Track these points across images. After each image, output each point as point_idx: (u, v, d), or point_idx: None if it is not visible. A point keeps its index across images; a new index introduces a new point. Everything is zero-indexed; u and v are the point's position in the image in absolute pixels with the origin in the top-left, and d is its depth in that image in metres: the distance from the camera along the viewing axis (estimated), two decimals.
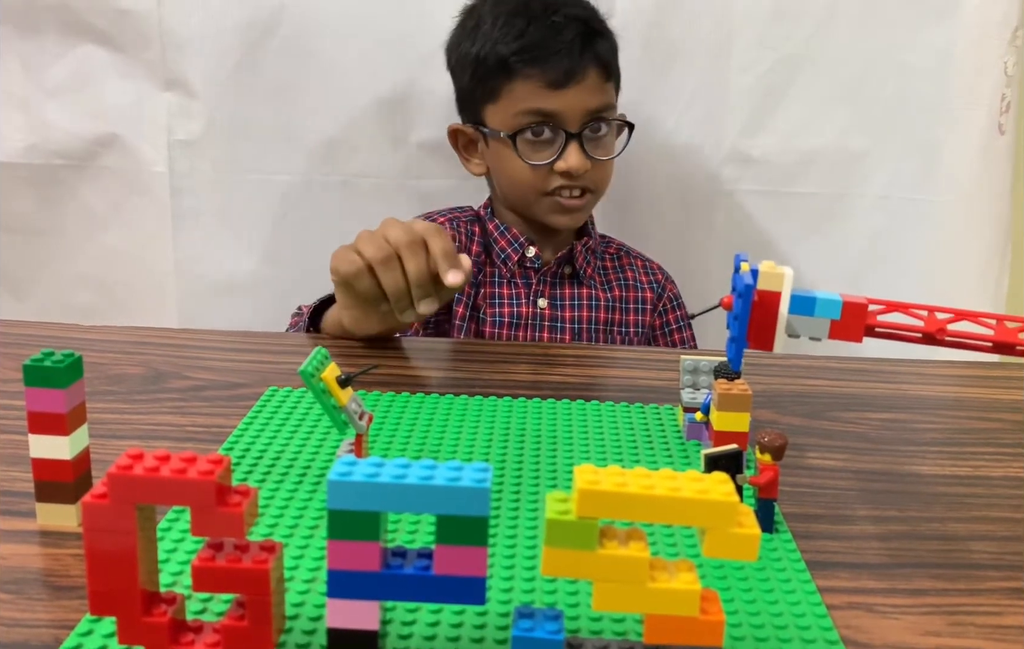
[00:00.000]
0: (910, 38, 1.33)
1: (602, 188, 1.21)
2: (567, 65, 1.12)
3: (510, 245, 1.22)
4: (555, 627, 0.39)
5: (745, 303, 0.57)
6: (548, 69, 1.12)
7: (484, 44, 1.15)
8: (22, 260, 1.43)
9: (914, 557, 0.53)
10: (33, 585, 0.47)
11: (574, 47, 1.13)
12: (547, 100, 1.13)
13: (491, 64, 1.15)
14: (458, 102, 1.24)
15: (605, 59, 1.16)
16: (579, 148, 1.14)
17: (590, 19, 1.17)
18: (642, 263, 1.30)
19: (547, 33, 1.13)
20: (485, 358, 0.85)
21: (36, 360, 0.51)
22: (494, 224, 1.24)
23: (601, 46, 1.16)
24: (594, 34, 1.16)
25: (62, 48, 1.34)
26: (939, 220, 1.38)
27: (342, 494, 0.38)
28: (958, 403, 0.81)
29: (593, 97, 1.14)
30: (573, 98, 1.13)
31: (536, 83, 1.12)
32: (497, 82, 1.15)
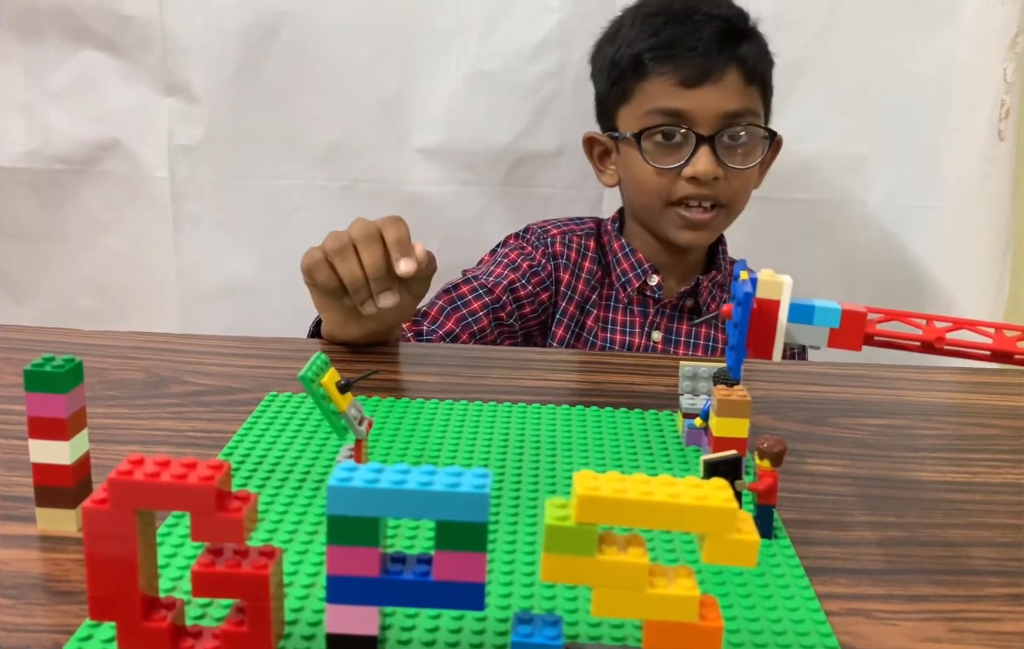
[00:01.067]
0: (911, 45, 1.33)
1: (736, 204, 1.14)
2: (702, 63, 1.07)
3: (633, 269, 1.16)
4: (554, 633, 0.39)
5: (744, 311, 0.57)
6: (681, 66, 1.07)
7: (621, 45, 1.12)
8: (23, 264, 1.43)
9: (913, 563, 0.53)
10: (33, 590, 0.47)
11: (711, 45, 1.07)
12: (678, 99, 1.07)
13: (625, 64, 1.11)
14: (597, 110, 1.21)
15: (748, 61, 1.10)
16: (711, 153, 1.07)
17: (734, 18, 1.12)
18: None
19: (684, 30, 1.08)
20: (484, 364, 0.85)
21: (37, 365, 0.51)
22: (620, 243, 1.18)
23: (745, 47, 1.10)
24: (737, 34, 1.10)
25: (64, 53, 1.35)
26: (940, 226, 1.38)
27: (342, 500, 0.38)
28: (957, 409, 0.81)
29: (730, 99, 1.08)
30: (707, 98, 1.07)
31: (668, 81, 1.08)
32: (630, 82, 1.11)
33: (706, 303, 1.16)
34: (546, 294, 1.15)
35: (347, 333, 0.87)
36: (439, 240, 1.39)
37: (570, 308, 1.14)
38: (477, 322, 1.09)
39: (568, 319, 1.14)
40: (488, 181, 1.39)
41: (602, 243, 1.20)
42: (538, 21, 1.34)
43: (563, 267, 1.16)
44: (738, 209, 1.15)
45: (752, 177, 1.14)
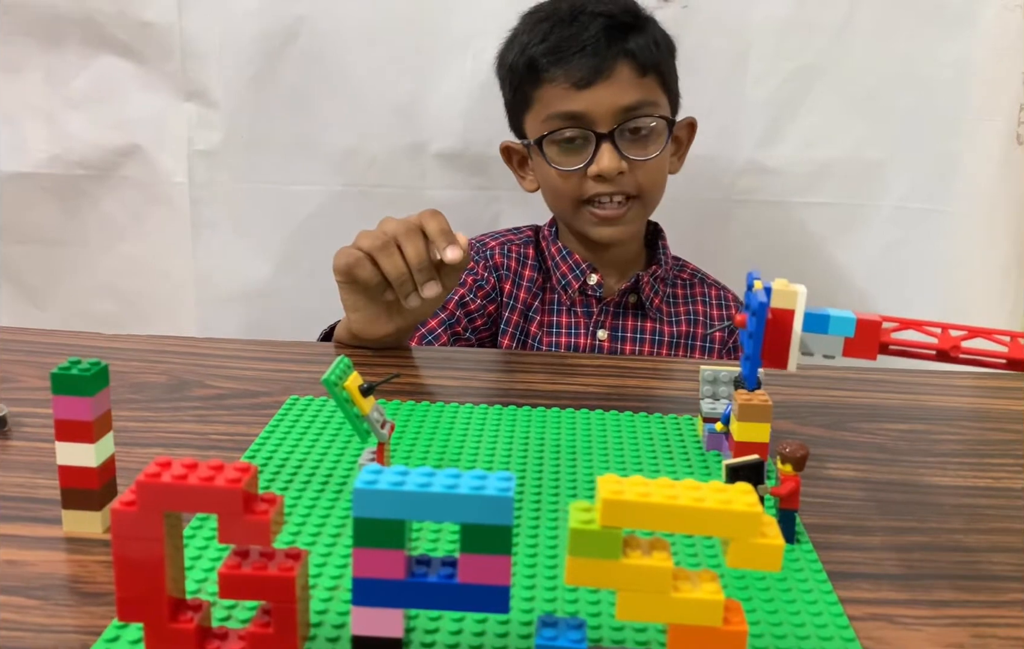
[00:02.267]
0: (927, 49, 1.33)
1: (650, 193, 1.14)
2: (591, 62, 1.08)
3: (571, 271, 1.16)
4: (578, 636, 0.39)
5: (759, 321, 0.57)
6: (572, 68, 1.08)
7: (517, 52, 1.14)
8: (44, 269, 1.44)
9: (935, 569, 0.53)
10: (60, 591, 0.47)
11: (599, 42, 1.08)
12: (573, 100, 1.08)
13: (521, 71, 1.13)
14: (507, 117, 1.22)
15: (638, 53, 1.10)
16: (612, 149, 1.08)
17: (619, 13, 1.12)
18: (717, 292, 1.23)
19: (571, 31, 1.09)
20: (504, 367, 0.85)
21: (63, 368, 0.52)
22: (557, 247, 1.19)
23: (634, 40, 1.10)
24: (624, 28, 1.11)
25: (84, 60, 1.36)
26: (956, 231, 1.37)
27: (368, 502, 0.38)
28: (978, 414, 0.81)
29: (624, 93, 1.09)
30: (601, 96, 1.08)
31: (561, 84, 1.09)
32: (529, 89, 1.12)
33: (649, 298, 1.16)
34: (492, 306, 1.16)
35: (376, 331, 0.88)
36: None
37: (514, 317, 1.15)
38: (437, 339, 1.10)
39: (513, 328, 1.15)
40: (503, 185, 1.39)
41: (541, 248, 1.20)
42: None
43: (504, 278, 1.17)
44: (654, 198, 1.15)
45: (661, 165, 1.14)
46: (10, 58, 1.36)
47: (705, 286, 1.23)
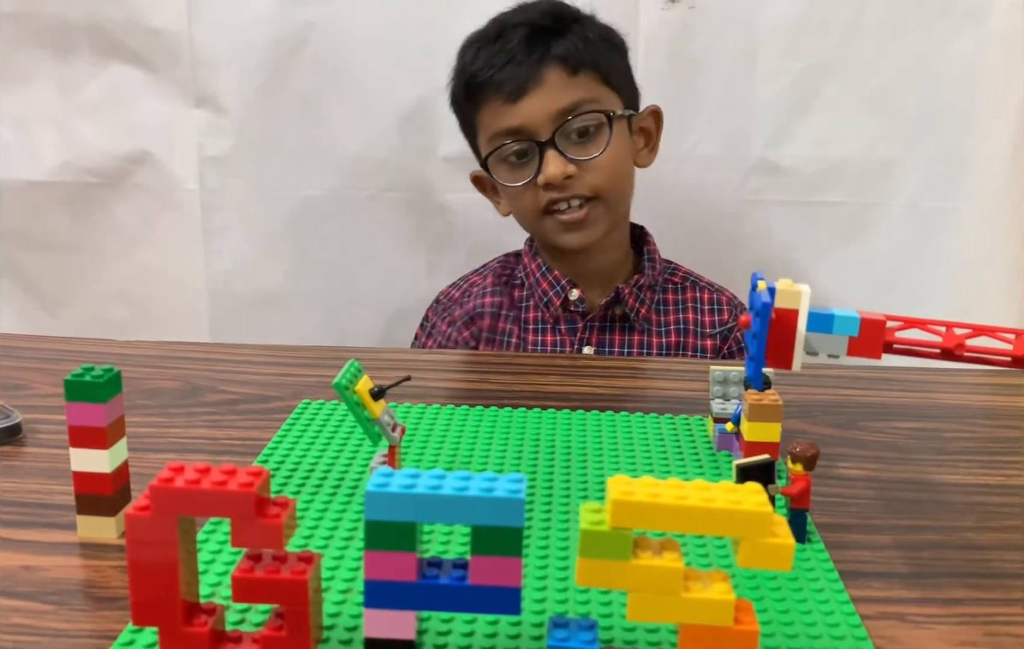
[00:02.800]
0: (937, 47, 1.33)
1: (610, 191, 1.11)
2: (519, 72, 1.06)
3: (552, 288, 1.14)
4: (590, 637, 0.39)
5: (763, 321, 0.57)
6: (502, 82, 1.07)
7: (456, 82, 1.14)
8: (57, 277, 1.45)
9: (947, 567, 0.53)
10: (75, 596, 0.48)
11: (521, 53, 1.07)
12: (510, 115, 1.07)
13: (462, 98, 1.13)
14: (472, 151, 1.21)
15: (565, 54, 1.07)
16: (556, 154, 1.06)
17: (540, 19, 1.10)
18: (709, 296, 1.18)
19: (496, 48, 1.08)
20: (515, 370, 0.86)
21: (76, 375, 0.52)
22: (536, 263, 1.17)
23: (558, 43, 1.08)
24: (545, 32, 1.08)
25: (95, 68, 1.37)
26: (967, 229, 1.37)
27: (379, 505, 0.38)
28: (989, 412, 0.81)
29: (557, 97, 1.06)
30: (535, 104, 1.06)
31: (496, 101, 1.08)
32: (471, 114, 1.12)
33: (634, 309, 1.13)
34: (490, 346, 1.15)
35: None
36: (465, 248, 1.40)
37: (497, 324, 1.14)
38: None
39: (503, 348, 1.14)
40: None
41: (515, 273, 1.19)
42: None
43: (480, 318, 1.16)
44: (616, 196, 1.12)
45: (615, 161, 1.10)
46: (21, 67, 1.37)
47: (697, 290, 1.19)
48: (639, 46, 1.33)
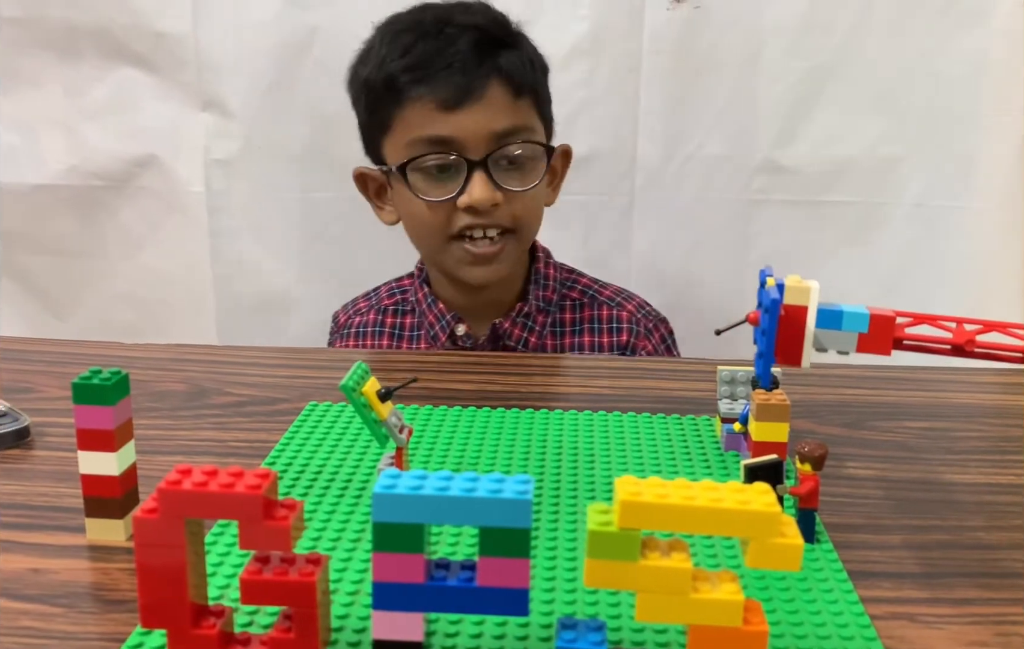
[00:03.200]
0: (942, 46, 1.32)
1: (527, 227, 1.03)
2: (461, 80, 0.96)
3: (438, 321, 1.05)
4: (598, 638, 0.39)
5: (772, 318, 0.57)
6: (439, 87, 0.96)
7: (372, 67, 1.01)
8: (64, 280, 1.46)
9: (956, 567, 0.53)
10: (84, 599, 0.48)
11: (469, 59, 0.97)
12: (441, 124, 0.97)
13: (380, 88, 1.00)
14: (362, 141, 1.09)
15: (512, 72, 0.99)
16: (486, 178, 0.97)
17: (490, 26, 1.01)
18: (608, 312, 1.09)
19: (437, 46, 0.98)
20: (522, 371, 0.85)
21: (84, 378, 0.52)
22: (424, 292, 1.07)
23: (506, 58, 0.99)
24: (496, 43, 0.99)
25: (101, 72, 1.37)
26: (974, 228, 1.37)
27: (387, 507, 0.38)
28: (999, 411, 0.80)
29: (498, 117, 0.97)
30: (472, 119, 0.96)
31: (427, 105, 0.97)
32: (388, 109, 1.00)
33: (522, 339, 1.05)
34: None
35: None
36: None
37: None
38: None
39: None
40: None
41: (406, 297, 1.12)
42: (567, 30, 1.35)
43: (377, 337, 1.11)
44: (530, 233, 1.05)
45: (538, 196, 1.04)
46: (28, 71, 1.38)
47: (595, 307, 1.10)
48: (643, 46, 1.33)
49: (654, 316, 1.13)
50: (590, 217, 1.41)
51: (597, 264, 1.41)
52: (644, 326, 1.10)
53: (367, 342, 1.10)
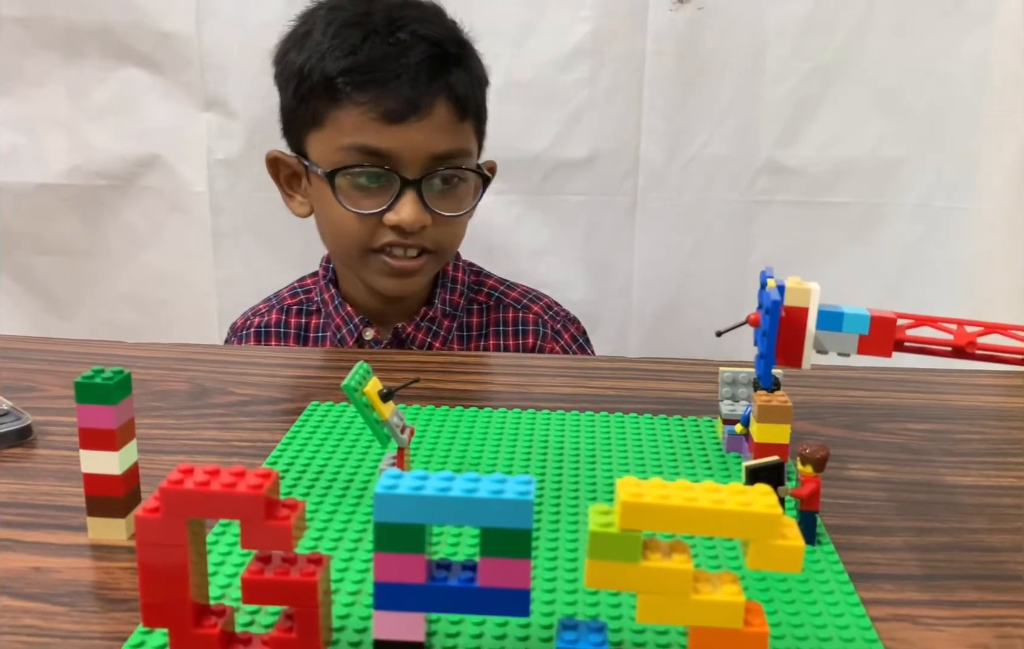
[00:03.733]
0: (946, 46, 1.32)
1: (447, 251, 1.01)
2: (408, 94, 0.91)
3: (345, 324, 1.02)
4: (599, 639, 0.39)
5: (772, 320, 0.57)
6: (384, 97, 0.91)
7: (310, 56, 0.95)
8: (67, 280, 1.46)
9: (958, 569, 0.53)
10: (86, 598, 0.48)
11: (420, 73, 0.92)
12: (380, 136, 0.92)
13: (315, 82, 0.94)
14: (282, 123, 1.04)
15: (460, 93, 0.95)
16: (417, 199, 0.93)
17: (445, 41, 0.96)
18: (515, 315, 1.07)
19: (386, 52, 0.92)
20: (523, 371, 0.86)
21: (87, 377, 0.52)
22: (331, 293, 1.04)
23: (457, 76, 0.95)
24: (448, 60, 0.95)
25: (104, 71, 1.38)
26: (977, 229, 1.37)
27: (388, 507, 0.38)
28: (1001, 413, 0.80)
29: (440, 139, 0.94)
30: (413, 136, 0.92)
31: (367, 113, 0.92)
32: (322, 105, 0.94)
33: (426, 343, 1.03)
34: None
35: None
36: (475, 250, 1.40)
37: None
38: None
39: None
40: (522, 190, 1.40)
41: (310, 297, 1.08)
42: (570, 30, 1.35)
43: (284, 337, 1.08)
44: (451, 253, 1.03)
45: (466, 220, 1.02)
46: (31, 71, 1.38)
47: (501, 309, 1.08)
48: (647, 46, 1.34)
49: (563, 316, 1.10)
50: (592, 217, 1.41)
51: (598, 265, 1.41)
52: (551, 327, 1.07)
53: (271, 343, 1.07)
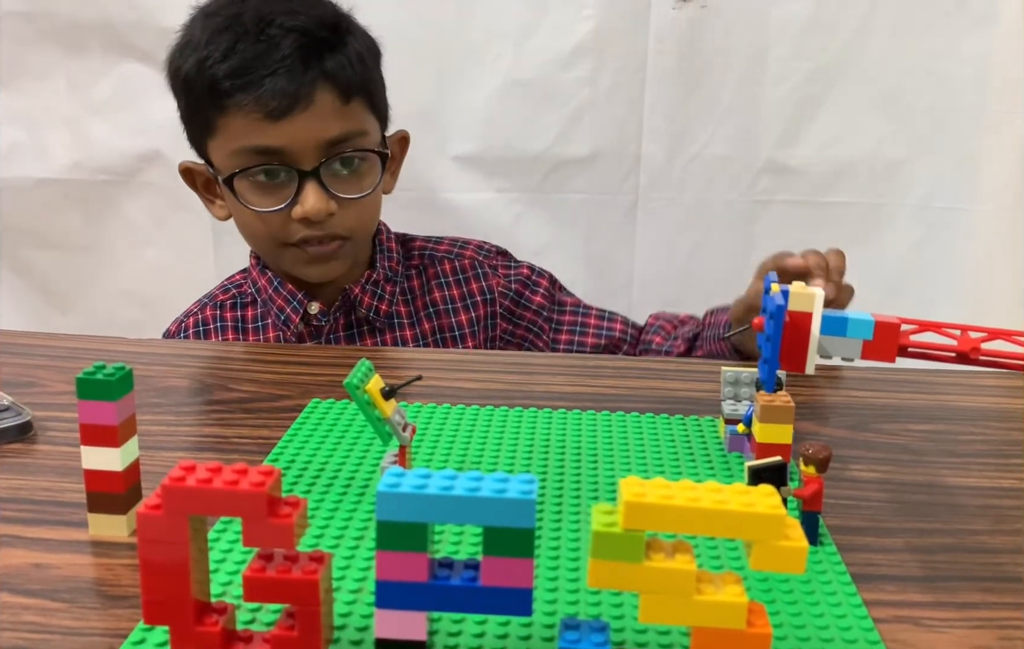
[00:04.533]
0: (947, 47, 1.32)
1: (361, 233, 1.00)
2: (286, 88, 0.91)
3: (288, 303, 1.01)
4: (601, 639, 0.39)
5: (776, 324, 0.57)
6: (263, 95, 0.91)
7: (192, 65, 0.95)
8: (67, 275, 1.46)
9: (960, 570, 0.53)
10: (87, 594, 0.48)
11: (294, 65, 0.92)
12: (267, 134, 0.92)
13: (200, 91, 0.94)
14: (185, 133, 1.03)
15: (340, 76, 0.94)
16: (319, 187, 0.93)
17: (314, 27, 0.94)
18: (450, 265, 1.08)
19: (258, 50, 0.92)
20: (525, 369, 0.85)
21: (88, 373, 0.52)
22: (267, 278, 1.02)
23: (333, 60, 0.94)
24: (320, 45, 0.94)
25: (106, 67, 1.38)
26: (979, 230, 1.37)
27: (391, 505, 0.38)
28: (1002, 414, 0.80)
29: (327, 125, 0.93)
30: (301, 128, 0.92)
31: (252, 114, 0.91)
32: (211, 113, 0.94)
33: (372, 307, 1.02)
34: None
35: None
36: None
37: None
38: None
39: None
40: (523, 188, 1.40)
41: (242, 290, 1.07)
42: (572, 29, 1.35)
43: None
44: (368, 234, 1.02)
45: (375, 199, 1.01)
46: (33, 66, 1.38)
47: (436, 263, 1.08)
48: (649, 45, 1.34)
49: (493, 251, 1.11)
50: (593, 216, 1.41)
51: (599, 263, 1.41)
52: (488, 264, 1.08)
53: (209, 338, 1.06)
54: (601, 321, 1.09)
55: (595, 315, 1.09)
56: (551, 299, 1.08)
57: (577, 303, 1.10)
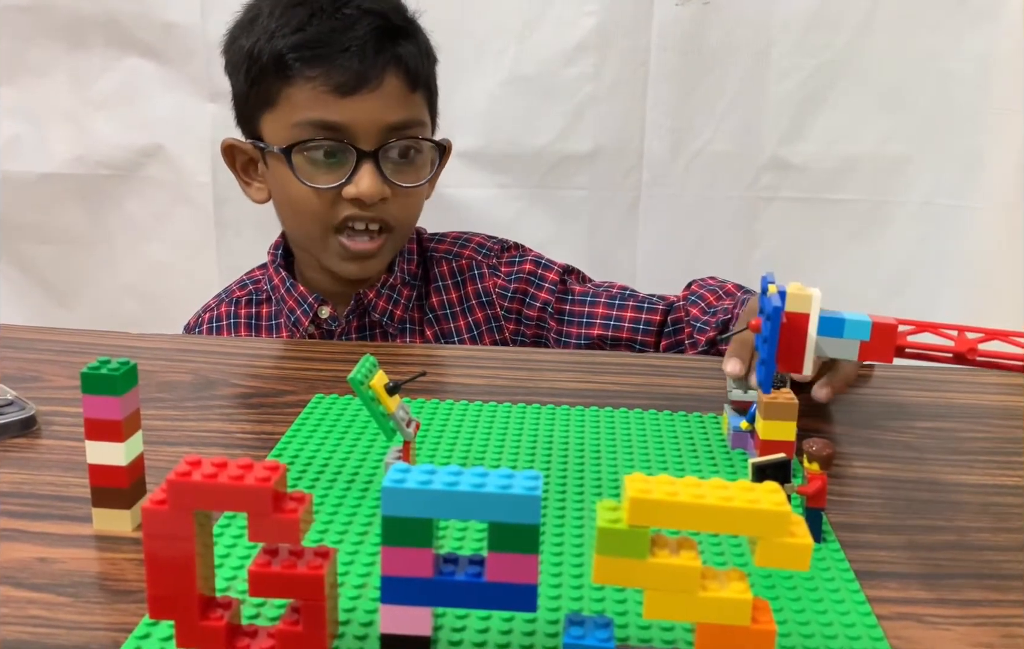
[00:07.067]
0: (950, 44, 1.32)
1: (405, 227, 1.00)
2: (358, 67, 0.92)
3: (299, 306, 1.01)
4: (606, 635, 0.39)
5: (774, 326, 0.57)
6: (334, 70, 0.92)
7: (259, 39, 0.95)
8: (70, 270, 1.46)
9: (964, 568, 0.53)
10: (91, 589, 0.48)
11: (367, 45, 0.93)
12: (333, 109, 0.93)
13: (265, 62, 0.94)
14: (235, 112, 1.04)
15: (410, 64, 0.96)
16: (375, 170, 0.93)
17: (391, 13, 0.97)
18: (448, 267, 1.06)
19: (334, 26, 0.93)
20: (530, 366, 0.85)
21: (93, 368, 0.52)
22: (280, 277, 1.02)
23: (405, 48, 0.96)
24: (396, 32, 0.96)
25: (109, 61, 1.38)
26: (981, 227, 1.37)
27: (396, 501, 0.38)
28: (1005, 412, 0.80)
29: (393, 109, 0.94)
30: (366, 108, 0.93)
31: (319, 87, 0.93)
32: (273, 85, 0.95)
33: (387, 312, 1.01)
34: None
35: None
36: None
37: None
38: None
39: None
40: (525, 184, 1.40)
41: (259, 287, 1.07)
42: (574, 25, 1.35)
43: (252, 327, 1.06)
44: (409, 230, 1.02)
45: (423, 193, 1.02)
46: (35, 60, 1.38)
47: (435, 265, 1.06)
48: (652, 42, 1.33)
49: (496, 247, 1.08)
50: (595, 212, 1.41)
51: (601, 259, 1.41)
52: (487, 264, 1.06)
53: (223, 335, 1.06)
54: (610, 311, 1.04)
55: (604, 304, 1.04)
56: (558, 292, 1.05)
57: (586, 292, 1.05)
